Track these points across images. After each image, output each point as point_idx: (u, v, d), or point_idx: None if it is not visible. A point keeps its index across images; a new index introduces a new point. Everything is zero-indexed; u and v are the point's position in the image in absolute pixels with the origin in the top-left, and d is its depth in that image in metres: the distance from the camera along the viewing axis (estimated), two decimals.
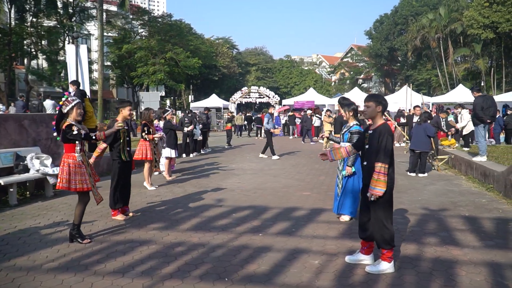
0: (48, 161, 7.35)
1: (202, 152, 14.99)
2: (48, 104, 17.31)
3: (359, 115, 6.03)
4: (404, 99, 21.21)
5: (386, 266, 3.96)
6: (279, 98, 30.14)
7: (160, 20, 33.66)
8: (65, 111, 4.77)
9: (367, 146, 4.13)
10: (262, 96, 29.54)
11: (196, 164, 12.11)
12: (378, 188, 3.85)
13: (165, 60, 30.93)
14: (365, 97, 4.29)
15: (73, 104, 4.77)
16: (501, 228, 5.49)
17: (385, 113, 16.39)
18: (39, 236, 5.12)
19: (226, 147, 17.56)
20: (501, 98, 21.04)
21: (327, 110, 18.52)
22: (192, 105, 33.04)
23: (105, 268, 4.11)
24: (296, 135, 23.83)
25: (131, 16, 34.76)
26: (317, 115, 21.27)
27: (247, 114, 26.02)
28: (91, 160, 5.71)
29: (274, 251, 4.61)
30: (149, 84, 33.65)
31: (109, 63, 35.73)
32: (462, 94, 22.25)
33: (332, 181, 9.22)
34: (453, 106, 20.65)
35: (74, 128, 4.69)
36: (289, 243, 4.87)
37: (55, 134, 4.91)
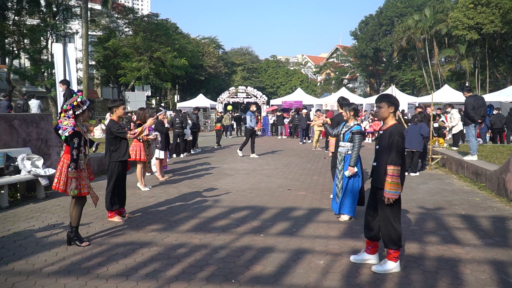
0: (40, 162, 7.17)
1: (192, 152, 14.87)
2: (33, 103, 16.95)
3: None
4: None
5: (393, 266, 3.97)
6: (266, 98, 30.10)
7: (146, 19, 33.33)
8: (77, 112, 4.66)
9: (377, 147, 4.12)
10: (249, 96, 29.44)
11: (188, 164, 12.00)
12: (393, 191, 3.84)
13: (151, 59, 30.64)
14: (377, 97, 4.26)
15: (84, 107, 4.70)
16: (499, 226, 5.56)
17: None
18: (35, 239, 4.99)
19: (215, 147, 17.46)
20: (486, 98, 21.41)
21: (317, 110, 18.57)
22: (179, 105, 32.74)
23: (107, 271, 4.01)
24: (284, 135, 23.85)
25: (116, 15, 34.31)
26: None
27: (235, 114, 25.91)
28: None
29: (278, 251, 4.58)
30: (134, 84, 33.28)
31: (93, 63, 35.21)
32: (447, 94, 22.58)
33: (326, 180, 9.25)
34: (439, 106, 20.99)
35: (75, 141, 4.57)
36: (292, 244, 4.84)
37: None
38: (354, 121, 5.81)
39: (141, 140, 7.83)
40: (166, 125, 10.02)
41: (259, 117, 25.54)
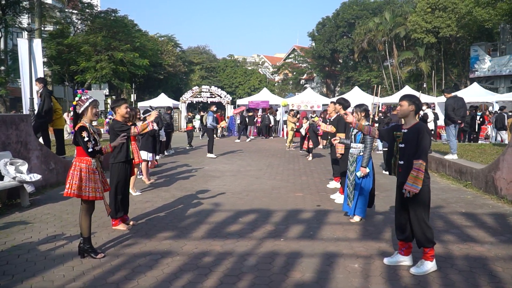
0: (24, 167, 6.61)
1: (166, 153, 14.42)
2: None
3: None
4: (355, 100, 21.91)
5: (430, 266, 3.99)
6: (231, 98, 29.90)
7: (103, 15, 31.93)
8: (79, 111, 4.29)
9: (402, 145, 4.12)
10: (213, 96, 29.10)
11: (167, 166, 11.62)
12: (415, 185, 3.88)
13: (110, 58, 29.40)
14: (400, 96, 4.32)
15: (87, 103, 4.30)
16: (502, 223, 5.78)
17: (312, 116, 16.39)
18: (40, 252, 4.56)
19: (187, 148, 17.06)
20: (441, 99, 22.52)
21: (291, 110, 18.65)
22: (139, 104, 31.74)
23: (138, 285, 3.73)
24: (252, 136, 23.79)
25: (71, 10, 32.60)
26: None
27: (202, 114, 25.45)
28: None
29: (307, 256, 4.48)
30: (91, 82, 31.83)
31: (45, 60, 33.26)
32: None
33: (316, 181, 9.27)
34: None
35: (84, 134, 4.21)
36: (317, 247, 4.76)
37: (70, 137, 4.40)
38: (365, 121, 5.82)
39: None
40: (155, 126, 9.59)
41: (225, 118, 25.34)
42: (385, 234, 5.30)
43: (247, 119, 24.73)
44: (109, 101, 43.04)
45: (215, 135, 14.30)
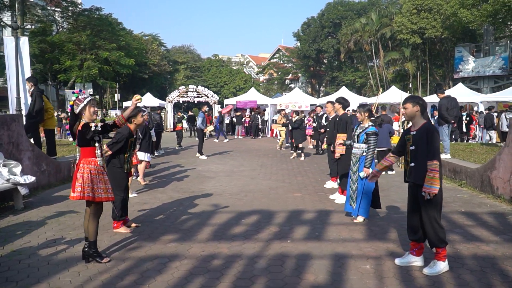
0: (18, 169, 6.39)
1: (156, 154, 14.21)
2: None
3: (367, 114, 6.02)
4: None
5: (443, 266, 3.99)
6: (218, 98, 29.74)
7: (87, 13, 31.36)
8: (77, 111, 4.14)
9: (412, 147, 4.11)
10: (200, 96, 28.90)
11: (159, 167, 11.43)
12: (434, 186, 3.88)
13: (95, 56, 28.93)
14: (404, 99, 4.32)
15: (85, 102, 4.15)
16: (503, 222, 5.85)
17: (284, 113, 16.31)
18: (41, 257, 4.40)
19: (177, 148, 16.87)
20: (426, 99, 22.84)
21: (281, 110, 18.61)
22: (125, 104, 31.26)
23: None
24: (240, 136, 23.71)
25: (53, 8, 31.93)
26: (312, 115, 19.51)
27: (190, 114, 25.25)
28: None
29: (317, 258, 4.43)
30: (76, 81, 31.23)
31: None
32: (394, 95, 23.67)
33: (312, 181, 9.25)
34: (389, 106, 22.02)
35: (92, 125, 4.09)
36: (325, 249, 4.72)
37: (71, 139, 4.26)
38: (369, 122, 5.81)
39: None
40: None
41: (212, 118, 25.15)
42: (390, 234, 5.30)
43: (234, 119, 24.65)
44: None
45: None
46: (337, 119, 7.47)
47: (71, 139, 15.22)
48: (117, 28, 34.88)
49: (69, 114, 4.25)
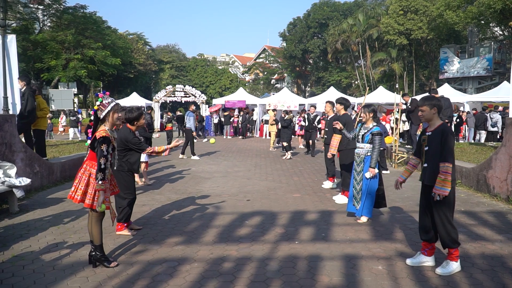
0: (13, 171, 6.20)
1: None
2: None
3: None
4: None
5: (455, 266, 4.01)
6: (205, 97, 29.55)
7: (71, 11, 30.80)
8: (101, 116, 4.03)
9: (426, 148, 4.12)
10: (187, 95, 28.68)
11: (152, 168, 11.27)
12: (445, 188, 3.88)
13: (81, 56, 28.42)
14: (419, 101, 4.30)
15: (109, 108, 4.05)
16: (504, 220, 5.92)
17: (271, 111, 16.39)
18: (45, 262, 4.26)
19: None
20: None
21: (273, 110, 18.58)
22: None
23: None
24: (229, 135, 23.60)
25: (36, 6, 31.26)
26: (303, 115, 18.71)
27: (179, 114, 24.98)
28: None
29: (327, 259, 4.40)
30: (60, 80, 30.68)
31: None
32: (381, 95, 23.92)
33: (308, 181, 9.24)
34: (376, 106, 22.17)
35: (104, 148, 3.94)
36: (334, 250, 4.69)
37: (88, 141, 4.13)
38: (373, 122, 5.81)
39: None
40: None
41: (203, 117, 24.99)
42: (396, 234, 5.31)
43: (222, 119, 24.52)
44: (76, 100, 41.72)
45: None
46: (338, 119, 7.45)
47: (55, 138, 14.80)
48: (102, 26, 34.37)
49: (92, 117, 4.12)
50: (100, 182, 3.91)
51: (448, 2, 22.82)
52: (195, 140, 20.51)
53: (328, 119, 8.05)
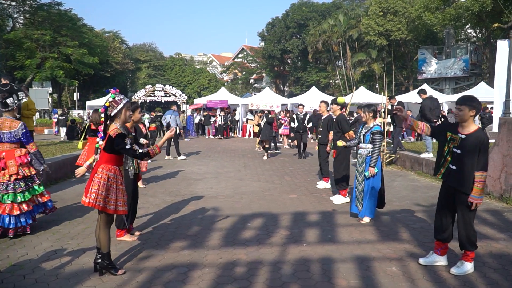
0: None
1: None
2: None
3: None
4: (314, 100, 22.21)
5: (470, 267, 4.01)
6: (186, 97, 29.19)
7: (46, 8, 29.85)
8: (112, 114, 3.84)
9: (458, 151, 3.94)
10: (168, 95, 28.25)
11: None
12: (481, 197, 3.86)
13: (57, 54, 27.58)
14: (458, 99, 4.15)
15: (121, 105, 3.87)
16: (502, 219, 6.02)
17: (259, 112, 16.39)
18: (47, 271, 4.03)
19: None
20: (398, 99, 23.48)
21: (261, 111, 18.46)
22: (88, 103, 29.96)
23: None
24: (211, 135, 23.38)
25: (9, 2, 30.16)
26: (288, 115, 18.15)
27: (159, 114, 24.55)
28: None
29: (339, 261, 4.34)
30: (33, 79, 29.71)
31: None
32: (362, 95, 24.19)
33: (301, 181, 9.19)
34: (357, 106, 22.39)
35: (127, 141, 3.77)
36: (344, 251, 4.64)
37: (100, 142, 3.92)
38: (374, 121, 5.80)
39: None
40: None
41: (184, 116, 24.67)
42: (401, 234, 5.30)
43: (203, 119, 24.29)
44: (50, 99, 40.49)
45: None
46: (333, 119, 7.44)
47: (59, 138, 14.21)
48: (78, 24, 33.49)
49: (102, 115, 3.91)
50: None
51: (426, 4, 23.29)
52: (185, 139, 20.38)
53: (323, 119, 8.02)
